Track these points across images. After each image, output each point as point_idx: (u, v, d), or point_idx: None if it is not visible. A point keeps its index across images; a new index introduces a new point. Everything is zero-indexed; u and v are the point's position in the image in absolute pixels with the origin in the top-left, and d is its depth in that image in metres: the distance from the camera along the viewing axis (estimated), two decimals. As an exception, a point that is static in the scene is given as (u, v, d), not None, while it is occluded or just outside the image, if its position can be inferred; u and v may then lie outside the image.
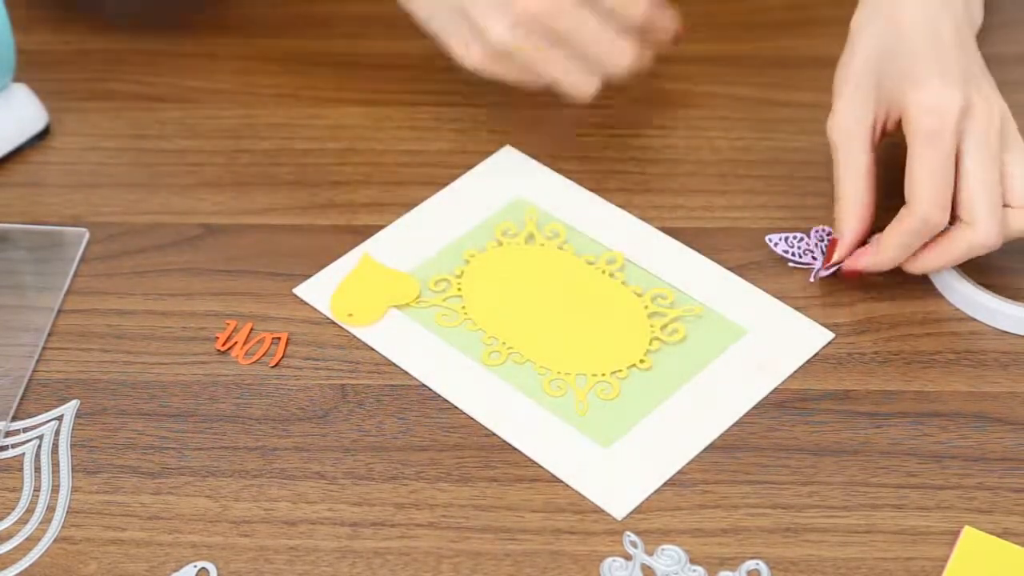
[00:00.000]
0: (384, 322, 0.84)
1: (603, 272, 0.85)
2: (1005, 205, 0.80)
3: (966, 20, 0.83)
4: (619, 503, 0.75)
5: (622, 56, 0.84)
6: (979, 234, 0.79)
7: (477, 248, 0.87)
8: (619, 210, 0.89)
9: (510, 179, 0.91)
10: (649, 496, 0.76)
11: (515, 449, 0.78)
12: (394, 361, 0.82)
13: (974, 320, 0.84)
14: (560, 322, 0.83)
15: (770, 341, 0.82)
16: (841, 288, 0.85)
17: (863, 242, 0.83)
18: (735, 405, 0.79)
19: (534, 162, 0.92)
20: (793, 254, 0.85)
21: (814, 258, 0.85)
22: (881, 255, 0.82)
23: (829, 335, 0.83)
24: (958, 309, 0.84)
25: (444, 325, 0.84)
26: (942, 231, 0.80)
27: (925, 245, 0.81)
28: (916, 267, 0.82)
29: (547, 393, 0.80)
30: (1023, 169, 0.80)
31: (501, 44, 0.83)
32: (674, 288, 0.85)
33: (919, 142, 0.79)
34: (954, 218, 0.80)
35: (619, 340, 0.82)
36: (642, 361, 0.81)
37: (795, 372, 0.81)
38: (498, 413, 0.79)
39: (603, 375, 0.81)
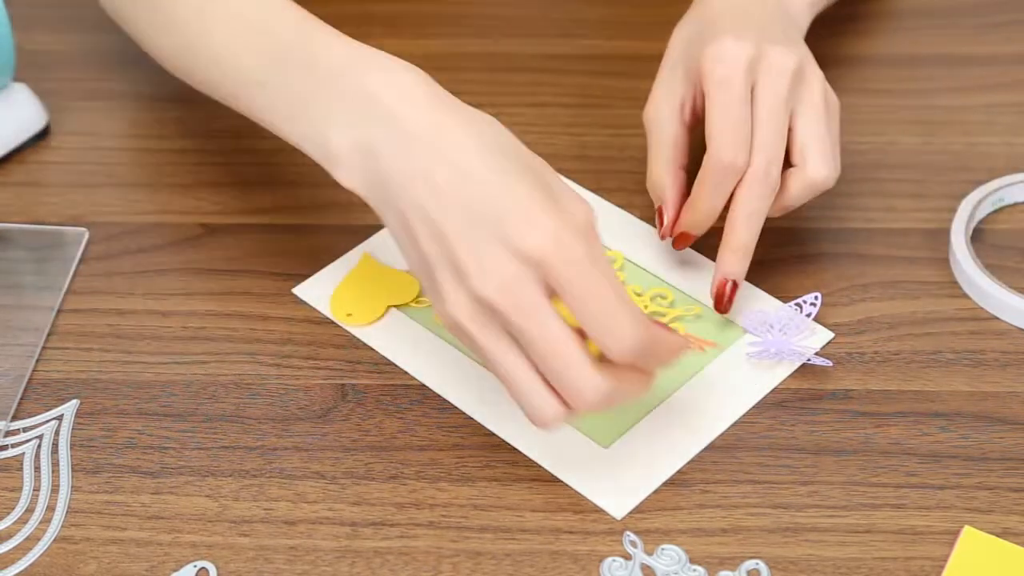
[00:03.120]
0: (384, 322, 0.84)
1: None
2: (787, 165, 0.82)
3: (782, 13, 0.86)
4: (619, 503, 0.75)
5: (585, 390, 0.69)
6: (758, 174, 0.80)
7: None
8: (619, 210, 0.89)
9: None
10: (649, 496, 0.76)
11: (515, 449, 0.78)
12: (394, 361, 0.82)
13: (974, 320, 0.84)
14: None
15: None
16: (841, 288, 0.85)
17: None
18: (735, 405, 0.79)
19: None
20: None
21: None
22: (696, 210, 0.82)
23: (829, 335, 0.83)
24: (958, 309, 0.84)
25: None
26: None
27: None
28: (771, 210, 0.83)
29: None
30: (805, 132, 0.82)
31: (449, 319, 0.71)
32: (674, 288, 0.85)
33: (711, 90, 0.81)
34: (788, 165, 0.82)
35: None
36: None
37: (795, 372, 0.81)
38: (498, 413, 0.79)
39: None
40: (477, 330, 0.70)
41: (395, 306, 0.85)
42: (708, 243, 0.87)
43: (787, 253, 0.87)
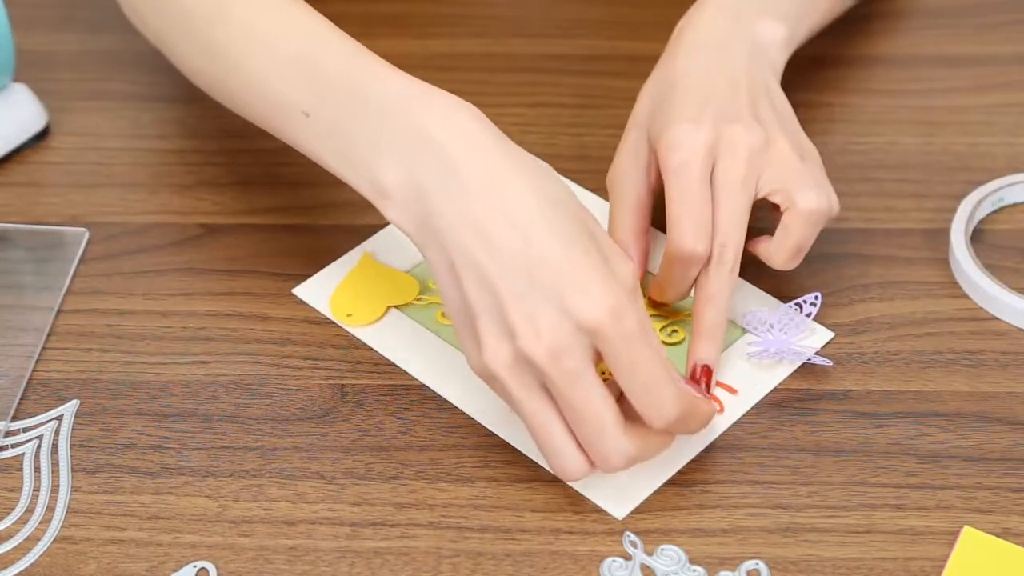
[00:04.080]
0: (384, 322, 0.84)
1: None
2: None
3: (750, 66, 0.83)
4: (619, 503, 0.75)
5: (613, 456, 0.71)
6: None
7: None
8: None
9: None
10: (649, 496, 0.76)
11: (515, 449, 0.78)
12: (394, 361, 0.82)
13: (974, 320, 0.84)
14: None
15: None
16: (841, 288, 0.85)
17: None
18: (735, 404, 0.79)
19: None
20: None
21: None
22: (664, 293, 0.82)
23: (829, 334, 0.83)
24: (958, 309, 0.84)
25: (445, 324, 0.84)
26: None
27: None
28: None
29: None
30: (778, 180, 0.80)
31: (485, 368, 0.71)
32: None
33: (670, 178, 0.79)
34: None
35: None
36: None
37: (795, 372, 0.81)
38: (498, 413, 0.79)
39: (603, 374, 0.81)
40: (514, 382, 0.71)
41: (395, 306, 0.85)
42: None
43: (787, 253, 0.87)
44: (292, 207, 0.91)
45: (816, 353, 0.81)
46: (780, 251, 0.81)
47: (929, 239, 0.88)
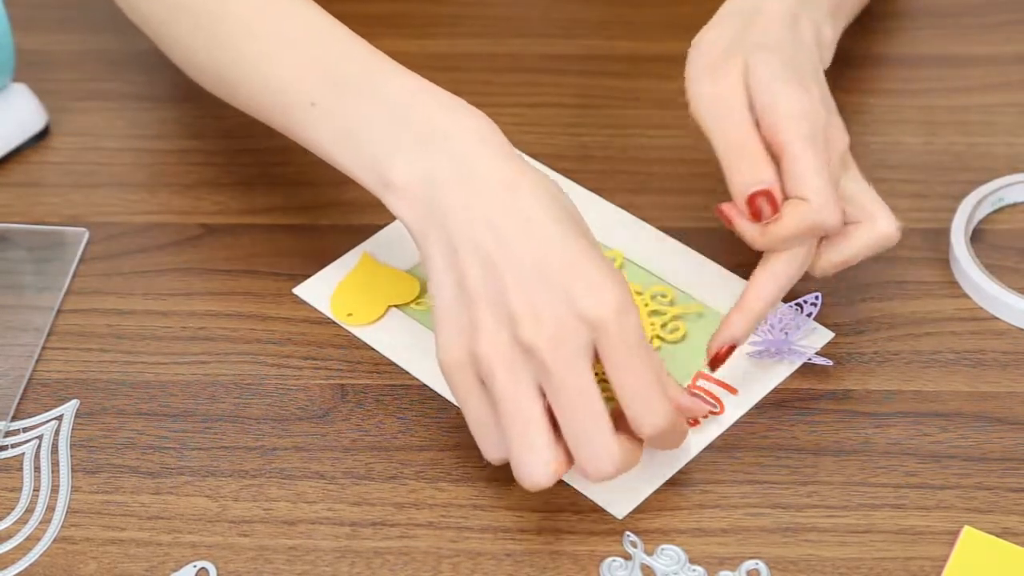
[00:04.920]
0: (384, 322, 0.84)
1: None
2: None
3: (817, 70, 0.81)
4: (619, 503, 0.75)
5: (603, 456, 0.70)
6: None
7: None
8: (619, 210, 0.89)
9: None
10: (649, 496, 0.76)
11: (515, 449, 0.78)
12: (394, 361, 0.82)
13: (974, 320, 0.84)
14: None
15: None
16: (841, 288, 0.85)
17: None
18: (735, 404, 0.79)
19: (534, 162, 0.92)
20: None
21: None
22: (763, 237, 0.78)
23: (829, 335, 0.83)
24: (958, 309, 0.84)
25: None
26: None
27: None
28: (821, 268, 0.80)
29: None
30: (857, 188, 0.80)
31: (475, 354, 0.71)
32: (674, 287, 0.85)
33: (800, 143, 0.76)
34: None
35: None
36: None
37: (795, 372, 0.81)
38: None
39: (603, 373, 0.81)
40: (505, 370, 0.70)
41: (395, 306, 0.85)
42: (708, 243, 0.87)
43: (787, 253, 0.87)
44: (292, 207, 0.91)
45: (816, 353, 0.81)
46: (833, 259, 0.79)
47: (929, 239, 0.88)
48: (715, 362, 0.78)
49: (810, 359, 0.81)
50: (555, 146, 0.94)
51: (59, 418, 0.80)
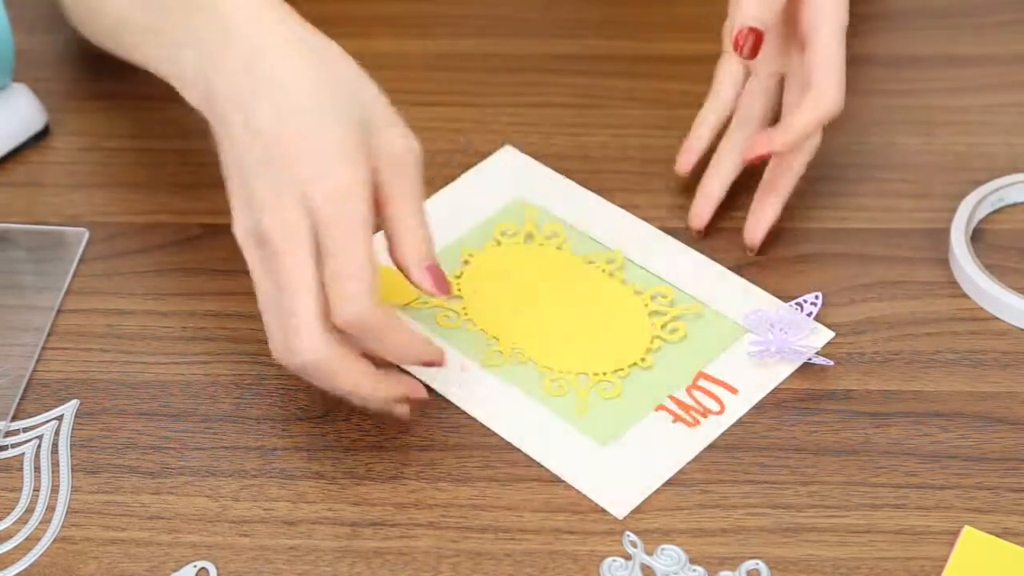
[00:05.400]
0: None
1: (602, 271, 0.85)
2: None
3: None
4: (620, 502, 0.75)
5: (301, 339, 0.72)
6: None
7: (476, 248, 0.87)
8: (619, 210, 0.89)
9: (510, 179, 0.91)
10: (649, 496, 0.76)
11: (515, 449, 0.78)
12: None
13: (974, 320, 0.84)
14: (561, 322, 0.83)
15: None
16: (841, 288, 0.85)
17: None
18: (735, 404, 0.79)
19: (534, 162, 0.92)
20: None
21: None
22: (789, 136, 0.84)
23: (829, 334, 0.83)
24: (958, 309, 0.84)
25: (444, 326, 0.84)
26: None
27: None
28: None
29: (548, 393, 0.80)
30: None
31: (235, 236, 0.76)
32: (674, 287, 0.85)
33: (836, 33, 0.84)
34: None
35: (620, 339, 0.82)
36: (643, 360, 0.81)
37: (795, 372, 0.81)
38: (499, 413, 0.79)
39: (605, 374, 0.81)
40: (248, 252, 0.73)
41: (395, 305, 0.85)
42: (708, 243, 0.87)
43: (787, 253, 0.87)
44: (292, 207, 0.91)
45: (816, 353, 0.81)
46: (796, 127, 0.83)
47: (929, 239, 0.88)
48: (754, 162, 0.83)
49: (810, 359, 0.81)
50: (555, 146, 0.94)
51: (59, 418, 0.80)
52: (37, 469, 0.78)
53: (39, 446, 0.79)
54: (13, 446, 0.79)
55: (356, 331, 0.72)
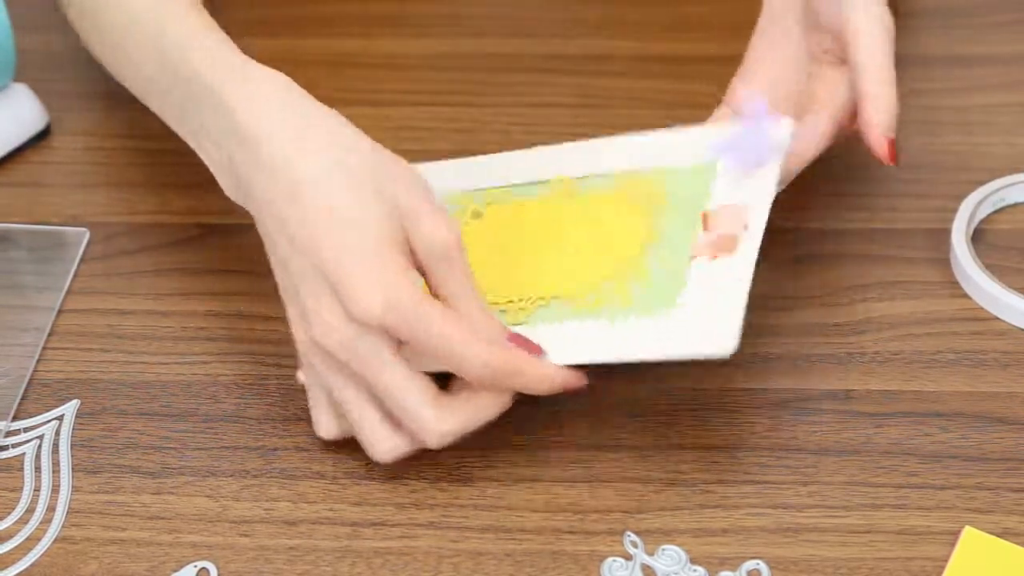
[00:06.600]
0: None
1: (561, 200, 0.83)
2: None
3: None
4: (724, 336, 0.73)
5: (424, 430, 0.73)
6: None
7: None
8: (532, 150, 0.86)
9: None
10: (650, 494, 0.76)
11: (515, 449, 0.78)
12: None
13: (974, 320, 0.84)
14: (556, 257, 0.81)
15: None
16: (842, 288, 0.85)
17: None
18: (751, 215, 0.78)
19: (425, 164, 0.89)
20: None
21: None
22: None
23: (789, 120, 0.80)
24: (959, 309, 0.84)
25: None
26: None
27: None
28: None
29: (589, 310, 0.78)
30: None
31: (297, 345, 0.75)
32: (631, 172, 0.83)
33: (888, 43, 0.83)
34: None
35: (616, 237, 0.80)
36: (649, 237, 0.80)
37: (795, 372, 0.81)
38: (564, 350, 0.76)
39: (622, 270, 0.79)
40: (320, 362, 0.73)
41: None
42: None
43: (787, 253, 0.87)
44: (292, 207, 0.91)
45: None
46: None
47: (930, 239, 0.88)
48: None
49: (773, 132, 0.79)
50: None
51: (60, 418, 0.80)
52: (38, 469, 0.78)
53: (40, 446, 0.79)
54: (13, 446, 0.79)
55: (493, 383, 0.72)
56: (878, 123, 0.81)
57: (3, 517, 0.76)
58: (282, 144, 0.73)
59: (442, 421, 0.72)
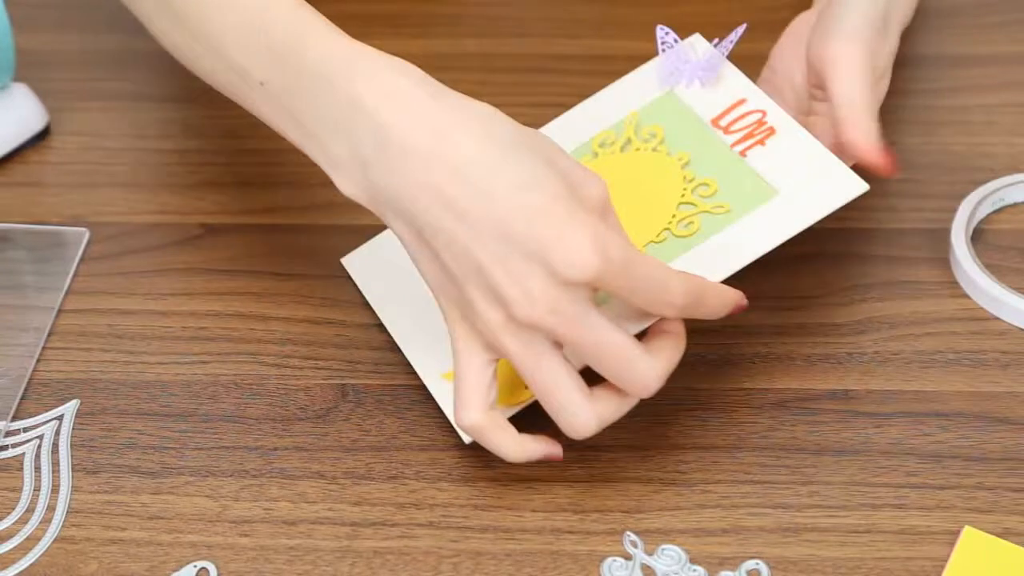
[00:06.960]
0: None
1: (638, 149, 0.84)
2: None
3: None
4: (850, 181, 0.77)
5: (647, 379, 0.71)
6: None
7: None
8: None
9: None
10: (649, 494, 0.76)
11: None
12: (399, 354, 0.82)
13: (974, 320, 0.84)
14: (624, 209, 0.78)
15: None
16: (841, 288, 0.85)
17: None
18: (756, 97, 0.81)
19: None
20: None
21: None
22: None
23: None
24: (959, 309, 0.84)
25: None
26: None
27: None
28: None
29: (694, 233, 0.79)
30: None
31: (485, 337, 0.71)
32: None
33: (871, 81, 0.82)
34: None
35: (654, 174, 0.82)
36: (682, 159, 0.81)
37: (795, 372, 0.81)
38: (726, 262, 0.78)
39: (687, 197, 0.80)
40: (516, 346, 0.70)
41: (509, 406, 0.77)
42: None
43: (787, 253, 0.87)
44: (292, 207, 0.91)
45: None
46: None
47: (930, 239, 0.88)
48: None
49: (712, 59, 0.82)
50: (555, 146, 0.94)
51: (59, 418, 0.80)
52: (37, 469, 0.78)
53: (39, 446, 0.79)
54: (13, 446, 0.79)
55: (691, 314, 0.72)
56: (855, 139, 0.80)
57: (3, 517, 0.76)
58: (430, 129, 0.69)
59: (655, 367, 0.71)
